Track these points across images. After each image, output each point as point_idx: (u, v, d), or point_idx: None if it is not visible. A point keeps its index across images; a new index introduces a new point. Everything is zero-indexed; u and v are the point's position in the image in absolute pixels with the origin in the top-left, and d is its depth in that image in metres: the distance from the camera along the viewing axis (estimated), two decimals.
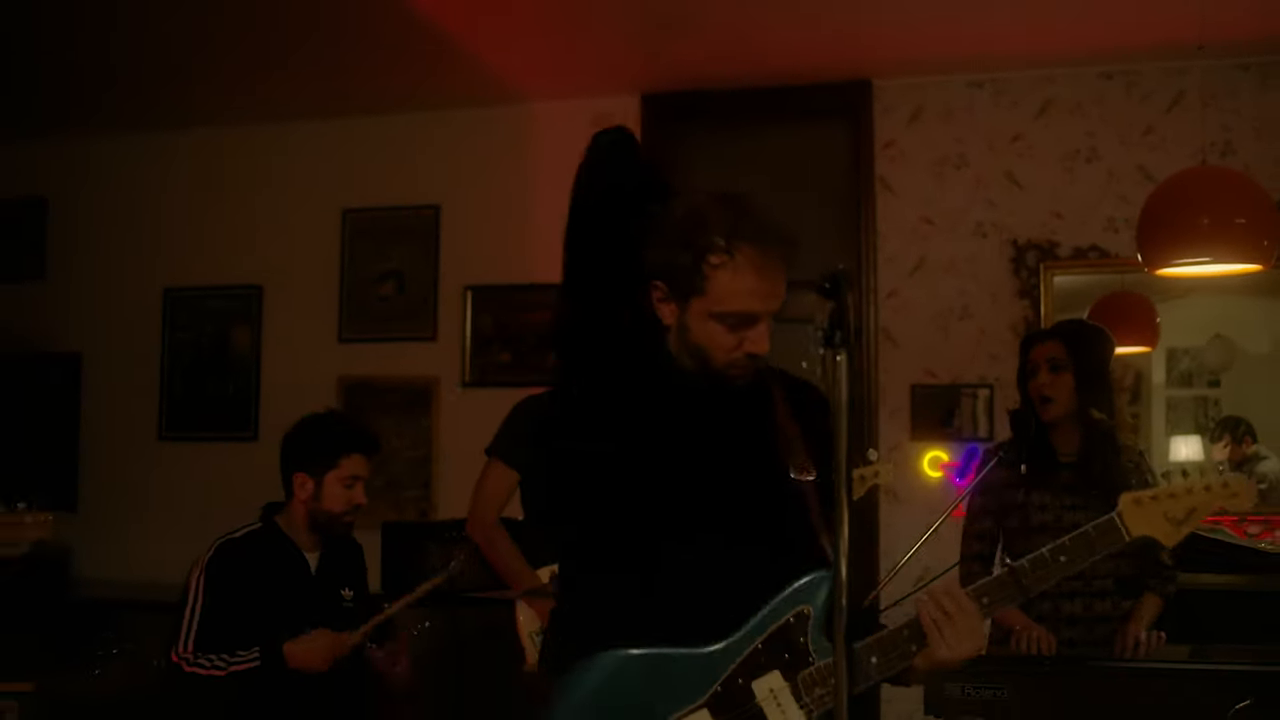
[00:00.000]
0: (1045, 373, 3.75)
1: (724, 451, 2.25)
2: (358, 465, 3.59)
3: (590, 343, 3.00)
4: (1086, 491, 3.71)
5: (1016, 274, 5.97)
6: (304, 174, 6.70)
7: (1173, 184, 4.22)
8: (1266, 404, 6.46)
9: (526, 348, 6.41)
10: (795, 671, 2.13)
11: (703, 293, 2.17)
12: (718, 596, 2.15)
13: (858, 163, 6.17)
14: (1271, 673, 3.27)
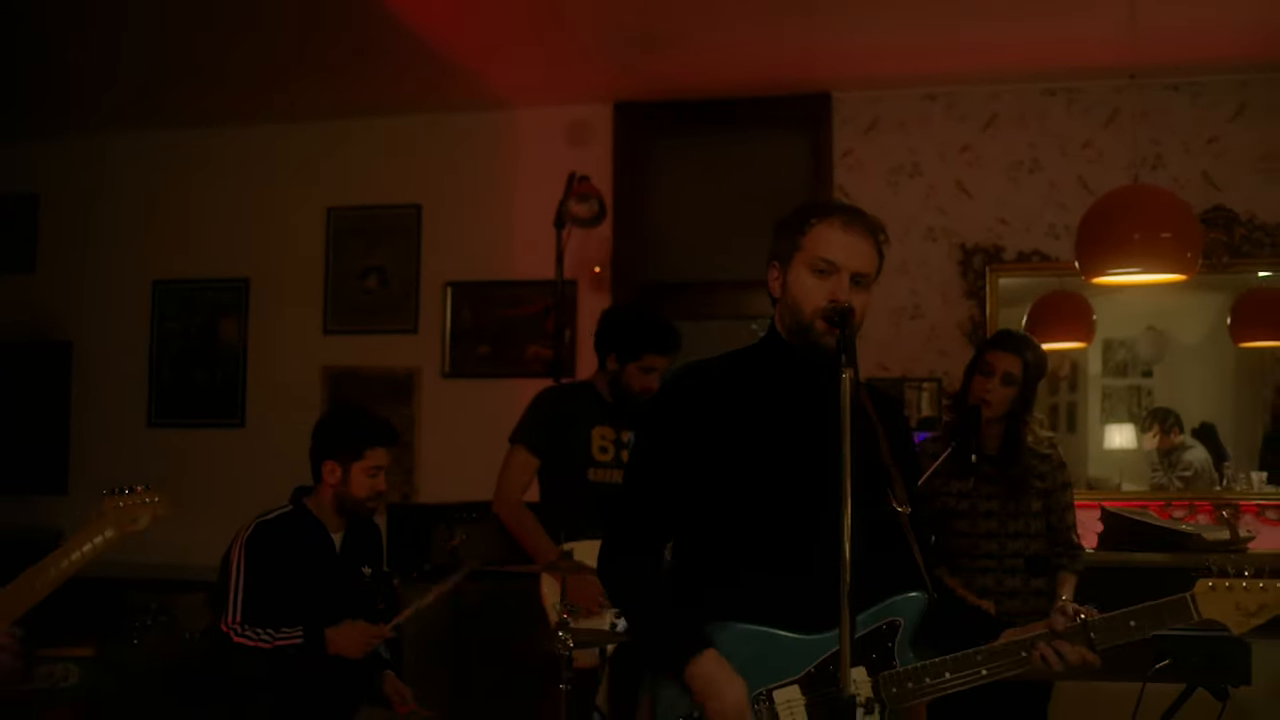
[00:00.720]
0: (998, 381, 4.13)
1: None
2: (380, 457, 3.97)
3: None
4: (1001, 484, 4.12)
5: (964, 276, 6.41)
6: (291, 173, 7.01)
7: (1107, 201, 4.67)
8: (1196, 393, 6.91)
9: (504, 341, 6.78)
10: (878, 670, 2.49)
11: (800, 248, 2.56)
12: (827, 589, 2.35)
13: (817, 170, 6.58)
14: (1186, 636, 3.69)
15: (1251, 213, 6.14)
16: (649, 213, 6.73)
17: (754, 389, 2.63)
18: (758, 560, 2.54)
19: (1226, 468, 6.38)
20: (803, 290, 2.56)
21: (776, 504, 2.54)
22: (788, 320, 2.61)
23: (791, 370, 2.62)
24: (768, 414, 2.60)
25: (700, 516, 2.59)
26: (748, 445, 2.57)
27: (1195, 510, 6.06)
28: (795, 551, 2.52)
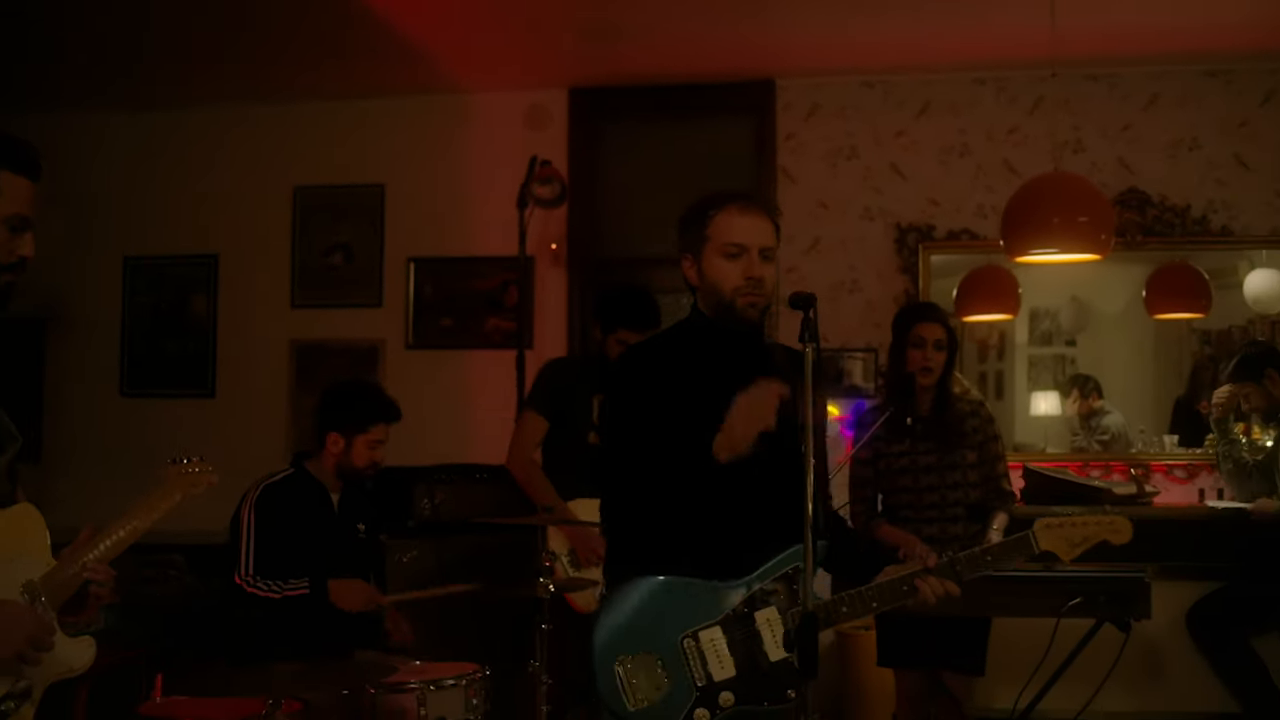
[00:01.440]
0: (932, 349, 4.54)
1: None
2: (382, 432, 4.37)
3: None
4: (936, 440, 4.54)
5: (899, 253, 6.85)
6: (259, 153, 7.31)
7: (1029, 187, 5.13)
8: (1117, 361, 7.41)
9: (465, 314, 7.14)
10: (787, 610, 2.83)
11: (708, 239, 2.92)
12: (745, 540, 2.81)
13: (761, 153, 6.99)
14: (1095, 577, 4.17)
15: (1163, 195, 6.63)
16: (603, 193, 7.11)
17: (689, 363, 2.98)
18: (693, 515, 2.85)
19: (1141, 431, 6.90)
20: (720, 274, 2.92)
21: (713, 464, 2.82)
22: (711, 302, 2.96)
23: (718, 344, 2.98)
24: (703, 384, 2.91)
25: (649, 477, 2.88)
26: (687, 413, 2.87)
27: (1111, 470, 6.55)
28: (723, 507, 2.85)
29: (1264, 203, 6.57)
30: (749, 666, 2.79)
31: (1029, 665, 4.35)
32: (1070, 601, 4.14)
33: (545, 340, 6.89)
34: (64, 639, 2.46)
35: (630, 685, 2.75)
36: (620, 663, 2.75)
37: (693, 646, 2.79)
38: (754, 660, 2.79)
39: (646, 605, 2.81)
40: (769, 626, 2.81)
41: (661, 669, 2.76)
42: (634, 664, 2.75)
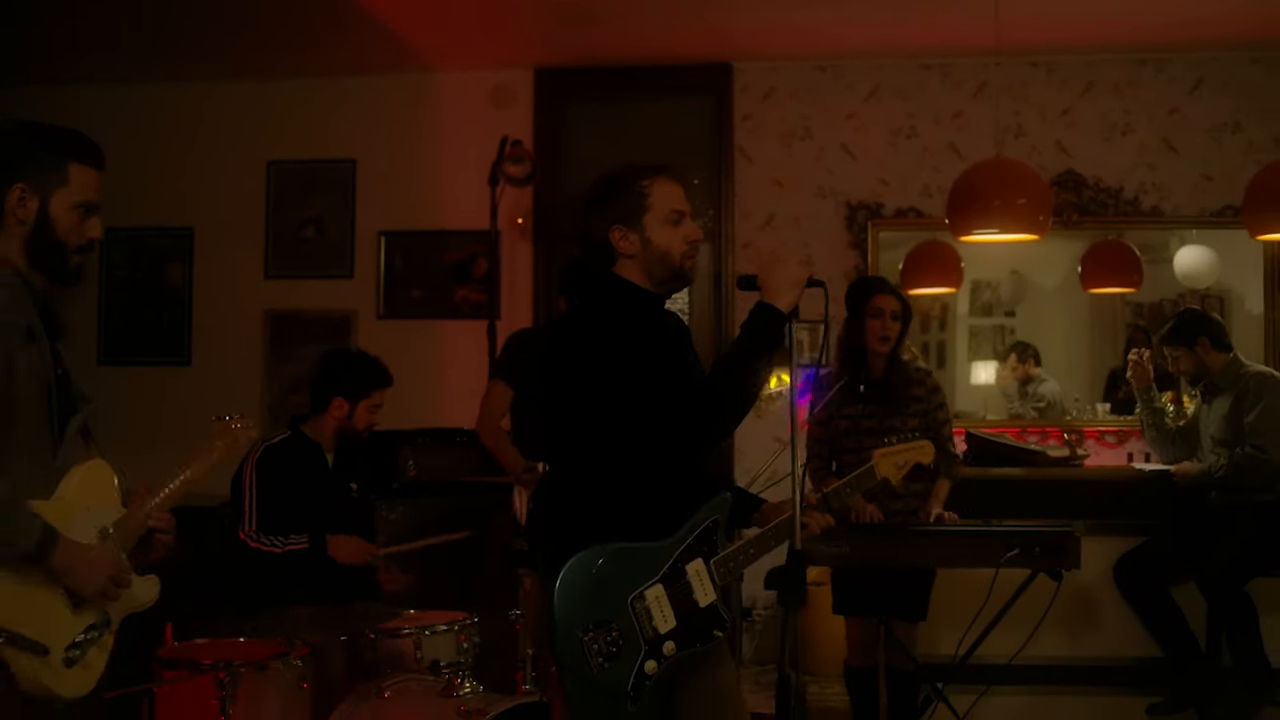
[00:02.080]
0: (889, 319, 4.88)
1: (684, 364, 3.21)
2: (380, 397, 4.70)
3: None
4: (879, 406, 4.89)
5: (849, 229, 7.19)
6: (233, 129, 7.51)
7: (973, 171, 5.50)
8: (1054, 332, 7.80)
9: (434, 285, 7.42)
10: (710, 558, 3.09)
11: (649, 209, 3.10)
12: (672, 500, 3.06)
13: (719, 133, 7.30)
14: (1030, 532, 4.54)
15: (1097, 176, 7.02)
16: (567, 169, 7.39)
17: (638, 333, 3.12)
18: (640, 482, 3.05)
19: (1075, 400, 7.31)
20: (667, 240, 3.10)
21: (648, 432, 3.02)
22: (655, 269, 3.12)
23: (655, 314, 3.19)
24: (651, 352, 3.11)
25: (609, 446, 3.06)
26: (641, 381, 3.04)
27: (1047, 436, 6.95)
28: (668, 470, 3.06)
29: (1191, 185, 6.97)
30: (686, 615, 3.02)
31: (970, 613, 4.74)
32: (1008, 553, 4.50)
33: (512, 311, 7.18)
34: (134, 577, 2.76)
35: (592, 651, 2.93)
36: (583, 632, 2.93)
37: (640, 606, 2.98)
38: (689, 609, 3.03)
39: (597, 574, 2.97)
40: (697, 576, 3.04)
41: (616, 632, 2.95)
42: (595, 632, 2.93)
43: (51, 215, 2.70)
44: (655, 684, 2.97)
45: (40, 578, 2.58)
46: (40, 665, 2.56)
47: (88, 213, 2.76)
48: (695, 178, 7.32)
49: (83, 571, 2.62)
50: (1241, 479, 5.01)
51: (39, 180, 2.68)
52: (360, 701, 3.76)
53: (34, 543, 2.54)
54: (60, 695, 2.60)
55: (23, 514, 2.55)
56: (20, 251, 2.69)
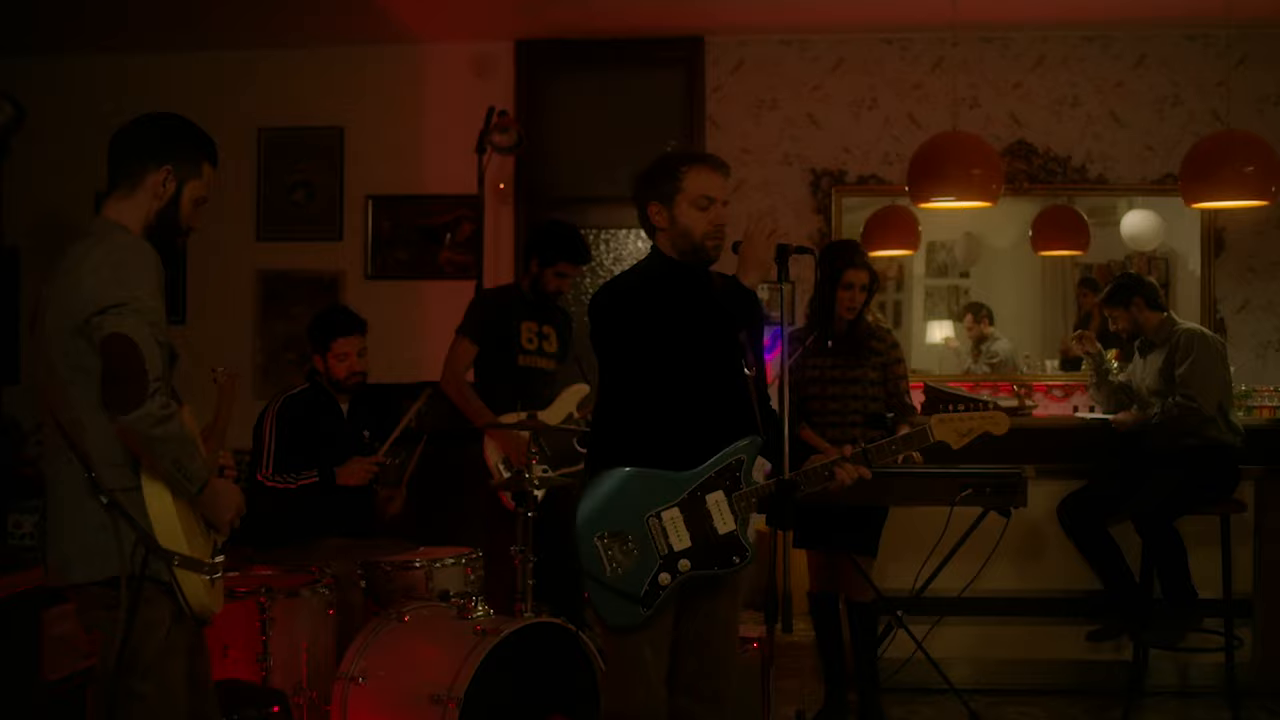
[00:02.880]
0: (858, 292, 5.26)
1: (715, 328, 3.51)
2: (346, 345, 5.03)
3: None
4: (844, 358, 5.29)
5: (814, 195, 7.61)
6: (226, 97, 7.79)
7: (931, 143, 5.94)
8: (1007, 292, 8.22)
9: (419, 247, 7.79)
10: (731, 492, 3.50)
11: (682, 190, 3.49)
12: (699, 438, 3.48)
13: (691, 103, 7.69)
14: (982, 473, 4.98)
15: (1048, 146, 7.45)
16: (546, 137, 7.75)
17: (660, 296, 3.53)
18: (662, 419, 3.50)
19: (1026, 357, 7.77)
20: (691, 220, 3.51)
21: (680, 377, 3.51)
22: (679, 244, 3.55)
23: (681, 280, 3.57)
24: (674, 311, 3.51)
25: (632, 394, 3.54)
26: (664, 335, 3.49)
27: (998, 390, 7.40)
28: (683, 412, 3.51)
29: (1135, 155, 7.42)
30: (702, 539, 3.45)
31: (926, 549, 5.21)
32: (962, 492, 4.96)
33: (495, 272, 7.55)
34: None
35: (607, 556, 3.38)
36: (599, 538, 3.39)
37: (656, 524, 3.43)
38: (706, 534, 3.45)
39: (618, 491, 3.44)
40: (717, 506, 3.47)
41: (632, 542, 3.40)
42: (610, 539, 3.39)
43: (181, 201, 3.06)
44: (668, 594, 3.40)
45: (190, 510, 2.99)
46: (202, 584, 2.97)
47: (200, 205, 3.17)
48: (668, 145, 7.73)
49: (223, 504, 3.06)
50: (1173, 426, 5.44)
51: (182, 168, 3.07)
52: (383, 625, 4.16)
53: (206, 475, 2.96)
54: (212, 609, 3.03)
55: (199, 451, 2.97)
56: (142, 221, 3.05)
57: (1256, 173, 5.79)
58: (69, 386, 2.94)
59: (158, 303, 2.98)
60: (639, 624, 3.42)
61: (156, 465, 2.91)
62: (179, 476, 2.92)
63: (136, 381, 2.83)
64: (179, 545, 2.95)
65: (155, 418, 2.85)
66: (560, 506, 4.92)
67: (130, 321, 2.86)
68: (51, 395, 3.01)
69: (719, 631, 3.59)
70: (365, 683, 4.01)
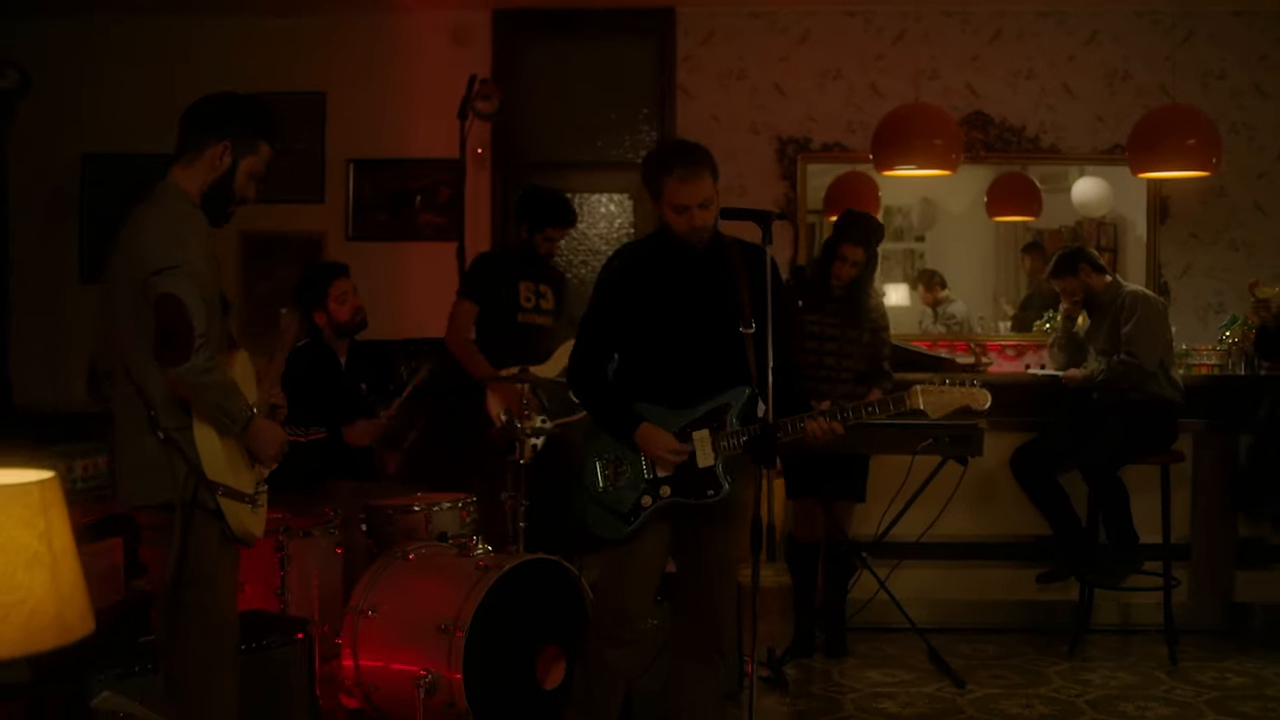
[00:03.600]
0: (849, 266, 5.54)
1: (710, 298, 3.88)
2: (340, 286, 5.36)
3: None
4: (842, 317, 5.62)
5: (780, 162, 7.93)
6: (213, 61, 7.97)
7: (895, 114, 6.30)
8: (962, 256, 8.59)
9: (399, 210, 8.05)
10: (714, 431, 3.83)
11: (663, 195, 3.82)
12: (692, 384, 3.85)
13: (662, 72, 7.98)
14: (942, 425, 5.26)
15: (1003, 116, 7.80)
16: (523, 104, 8.02)
17: (662, 262, 3.90)
18: (658, 366, 3.89)
19: (980, 318, 8.15)
20: (672, 220, 3.83)
21: (672, 331, 3.88)
22: (670, 231, 3.85)
23: (677, 252, 3.88)
24: (671, 277, 3.88)
25: (632, 344, 3.92)
26: (661, 298, 3.86)
27: (955, 350, 7.77)
28: (680, 360, 3.88)
29: (1085, 126, 7.78)
30: (683, 470, 3.82)
31: (889, 497, 5.57)
32: (923, 443, 5.32)
33: (473, 234, 7.80)
34: None
35: (604, 474, 3.85)
36: (600, 458, 3.86)
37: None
38: (688, 466, 3.81)
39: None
40: (701, 443, 3.82)
41: (625, 465, 3.84)
42: (607, 461, 3.85)
43: (236, 174, 3.35)
44: (649, 515, 3.81)
45: (238, 446, 3.32)
46: (244, 511, 3.30)
47: (255, 179, 3.46)
48: (642, 111, 8.04)
49: (265, 441, 3.38)
50: (1118, 382, 5.80)
51: (240, 144, 3.35)
52: (389, 562, 4.47)
53: (248, 416, 3.27)
54: (254, 534, 3.37)
55: (240, 395, 3.27)
56: (199, 189, 3.35)
57: (1198, 145, 6.18)
58: (135, 337, 3.23)
59: (207, 264, 3.27)
60: (622, 538, 3.82)
61: (202, 409, 3.24)
62: (222, 418, 3.26)
63: (184, 338, 3.14)
64: (223, 477, 3.28)
65: (200, 369, 3.17)
66: (559, 457, 5.24)
67: (183, 284, 3.17)
68: (121, 344, 3.31)
69: (713, 562, 3.92)
70: (375, 615, 4.32)
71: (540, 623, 4.33)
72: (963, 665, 5.50)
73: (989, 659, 5.70)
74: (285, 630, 4.02)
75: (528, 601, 4.32)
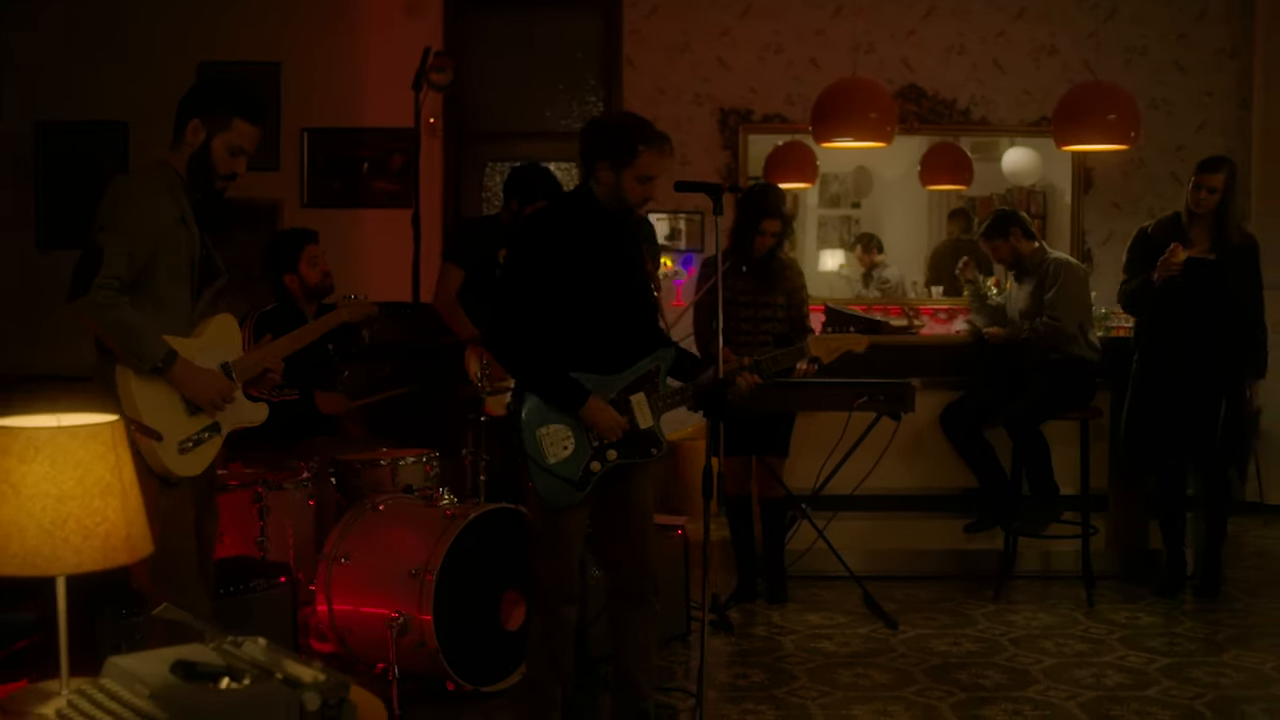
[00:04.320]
0: (769, 238, 5.83)
1: (632, 263, 4.15)
2: (312, 251, 5.62)
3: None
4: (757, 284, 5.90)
5: (722, 132, 8.24)
6: (167, 31, 8.17)
7: (833, 88, 6.63)
8: (896, 222, 8.93)
9: (352, 178, 8.29)
10: (650, 393, 4.07)
11: (632, 164, 3.94)
12: (622, 348, 4.06)
13: (609, 45, 8.26)
14: (877, 383, 5.66)
15: (936, 89, 8.15)
16: (473, 75, 8.26)
17: (582, 228, 4.03)
18: (589, 333, 4.02)
19: (913, 283, 8.51)
20: (631, 188, 3.96)
21: (601, 298, 4.03)
22: (612, 200, 3.99)
23: (602, 219, 4.05)
24: (592, 244, 4.03)
25: (566, 312, 4.00)
26: (584, 263, 3.99)
27: (889, 313, 8.12)
28: (609, 327, 4.04)
29: (1014, 99, 8.16)
30: (627, 433, 4.01)
31: (825, 451, 5.91)
32: (858, 399, 5.65)
33: (427, 201, 8.05)
34: (245, 402, 3.77)
35: (548, 446, 3.92)
36: (542, 430, 3.93)
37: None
38: (630, 429, 4.01)
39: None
40: (639, 406, 4.04)
41: (569, 434, 3.95)
42: (550, 432, 3.93)
43: (212, 148, 3.60)
44: (597, 480, 3.98)
45: (168, 389, 3.57)
46: (159, 448, 3.53)
47: (236, 154, 3.68)
48: (589, 82, 8.31)
49: (194, 386, 3.61)
50: (1041, 343, 6.13)
51: (210, 122, 3.59)
52: (360, 513, 4.75)
53: (159, 359, 3.52)
54: (173, 473, 3.57)
55: (154, 337, 3.52)
56: (184, 166, 3.60)
57: (1118, 120, 6.54)
58: None
59: (155, 227, 3.55)
60: (574, 504, 3.98)
61: (113, 347, 3.52)
62: (130, 357, 3.51)
63: (88, 276, 3.44)
64: (141, 415, 3.51)
65: (96, 305, 3.44)
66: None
67: (111, 239, 3.49)
68: None
69: (639, 514, 4.13)
70: (348, 562, 4.60)
71: (503, 568, 4.62)
72: (895, 609, 5.85)
73: (920, 603, 6.05)
74: (269, 575, 4.30)
75: (492, 548, 4.61)
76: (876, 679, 4.96)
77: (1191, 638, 5.51)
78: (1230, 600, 6.07)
